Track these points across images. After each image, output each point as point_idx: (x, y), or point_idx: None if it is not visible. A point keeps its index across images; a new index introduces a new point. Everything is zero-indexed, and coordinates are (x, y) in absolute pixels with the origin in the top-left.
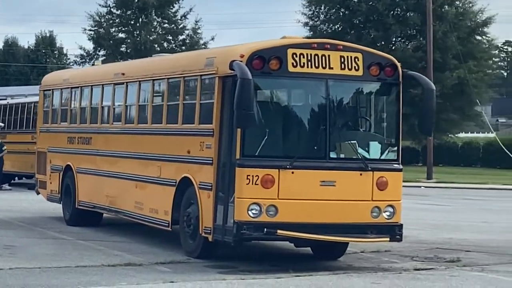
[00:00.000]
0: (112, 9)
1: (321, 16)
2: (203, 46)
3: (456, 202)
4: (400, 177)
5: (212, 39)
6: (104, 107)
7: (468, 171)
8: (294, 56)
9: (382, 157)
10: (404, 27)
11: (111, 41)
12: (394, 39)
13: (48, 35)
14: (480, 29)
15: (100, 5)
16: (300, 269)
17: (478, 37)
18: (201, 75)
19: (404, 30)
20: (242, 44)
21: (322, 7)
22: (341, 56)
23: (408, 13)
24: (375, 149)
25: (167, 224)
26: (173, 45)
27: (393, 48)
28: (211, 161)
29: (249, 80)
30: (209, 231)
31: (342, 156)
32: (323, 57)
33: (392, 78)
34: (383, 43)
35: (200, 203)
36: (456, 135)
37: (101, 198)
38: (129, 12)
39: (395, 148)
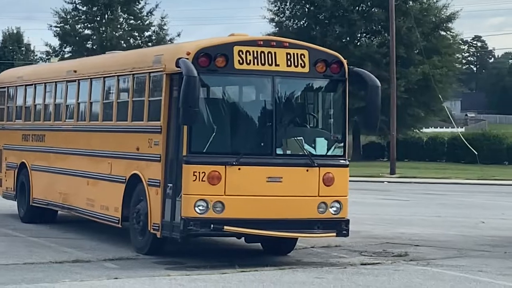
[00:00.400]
0: (78, 6)
1: (287, 12)
2: (169, 42)
3: (416, 196)
4: (346, 173)
5: (178, 35)
6: (57, 104)
7: (433, 166)
8: (240, 53)
9: (329, 153)
10: (369, 23)
11: (77, 38)
12: (359, 35)
13: (15, 31)
14: (444, 24)
15: (65, 1)
16: (248, 264)
17: (443, 33)
18: (149, 72)
19: (369, 26)
20: (190, 41)
21: (288, 3)
22: (287, 53)
23: (373, 9)
24: (321, 145)
25: (117, 221)
26: (139, 41)
27: (358, 44)
28: (159, 158)
29: (195, 77)
30: (157, 228)
31: (288, 152)
32: (269, 54)
33: (338, 74)
34: (348, 39)
35: (148, 199)
36: (421, 130)
37: (55, 195)
38: (95, 9)
39: (342, 144)
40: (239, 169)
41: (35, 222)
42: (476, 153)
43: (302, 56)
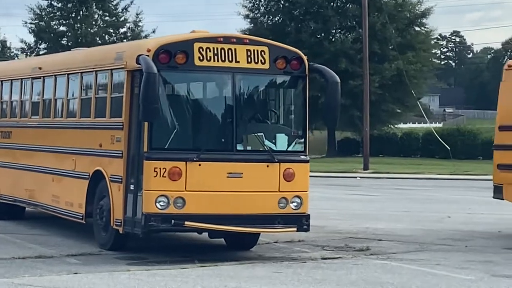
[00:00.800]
0: (52, 2)
1: (261, 8)
2: (144, 39)
3: (387, 192)
4: (307, 169)
5: (154, 31)
6: (22, 101)
7: (407, 162)
8: (201, 50)
9: (289, 149)
10: (343, 18)
11: (52, 34)
12: (333, 31)
13: None
14: (419, 20)
15: None
16: (209, 259)
17: (417, 28)
18: (111, 69)
19: (343, 22)
20: (151, 38)
21: (263, 0)
22: (247, 50)
23: (347, 5)
24: (282, 141)
25: (81, 217)
26: (114, 38)
27: (333, 39)
28: (121, 154)
29: (154, 74)
30: (119, 223)
31: (249, 148)
32: (230, 51)
33: (299, 71)
34: (322, 35)
35: (111, 195)
36: (397, 126)
37: (21, 192)
38: (70, 5)
39: (302, 140)
40: (199, 165)
41: (3, 218)
42: (449, 148)
43: (262, 53)
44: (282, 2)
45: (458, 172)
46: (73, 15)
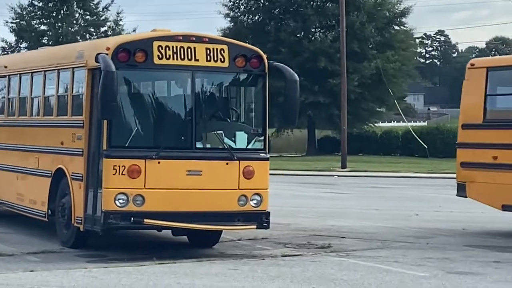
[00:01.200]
0: (34, 1)
1: (242, 7)
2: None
3: (361, 190)
4: (266, 166)
5: (134, 30)
6: None
7: (386, 160)
8: (160, 48)
9: (249, 147)
10: (323, 17)
11: (33, 34)
12: (313, 30)
13: None
14: (398, 19)
15: None
16: (168, 257)
17: (396, 27)
18: (73, 68)
19: (323, 20)
20: (112, 37)
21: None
22: (206, 48)
23: (327, 4)
24: (241, 139)
25: (44, 215)
26: (95, 37)
27: (312, 38)
28: (81, 152)
29: (112, 72)
30: (80, 221)
31: (208, 146)
32: (189, 49)
33: (258, 69)
34: (302, 33)
35: (72, 193)
36: (377, 124)
37: None
38: (50, 4)
39: (262, 138)
40: (158, 162)
41: None
42: (426, 146)
43: (222, 51)
44: (262, 1)
45: (436, 170)
46: (54, 14)
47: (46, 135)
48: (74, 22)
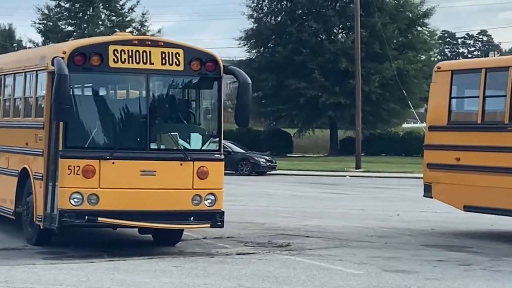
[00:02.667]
0: (60, 2)
1: (265, 8)
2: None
3: (362, 190)
4: (221, 167)
5: (159, 31)
6: None
7: (407, 161)
8: (115, 52)
9: (204, 148)
10: (344, 18)
11: (59, 34)
12: (335, 31)
13: (7, 27)
14: (421, 20)
15: None
16: (125, 254)
17: (419, 28)
18: (36, 70)
19: (344, 22)
20: (70, 41)
21: (266, 1)
22: (162, 52)
23: (350, 5)
24: (196, 140)
25: (11, 213)
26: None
27: (334, 40)
28: (42, 153)
29: (65, 75)
30: (40, 219)
31: (162, 147)
32: (144, 53)
33: (213, 72)
34: (324, 35)
35: (34, 192)
36: (402, 125)
37: None
38: (77, 5)
39: (217, 139)
40: (113, 163)
41: None
42: None
43: (177, 55)
44: (284, 2)
45: None
46: (80, 15)
47: (15, 136)
48: (100, 23)
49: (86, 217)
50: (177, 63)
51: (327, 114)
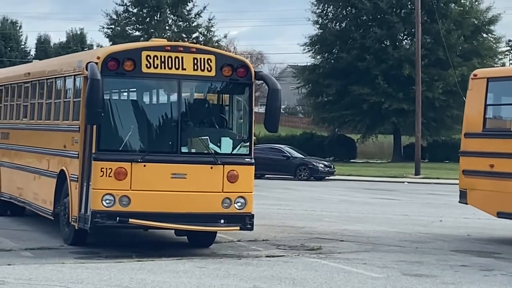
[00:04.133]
0: (129, 8)
1: (330, 14)
2: (216, 44)
3: (415, 197)
4: (251, 171)
5: (225, 36)
6: (17, 104)
7: None
8: (148, 58)
9: (234, 152)
10: (408, 25)
11: (126, 40)
12: (400, 37)
13: (78, 32)
14: (486, 27)
15: (117, 3)
16: (156, 255)
17: (484, 35)
18: (74, 75)
19: (408, 28)
20: (105, 47)
21: (331, 6)
22: (194, 58)
23: (413, 11)
24: (226, 145)
25: (50, 213)
26: (187, 43)
27: (398, 46)
28: (77, 155)
29: (98, 80)
30: (75, 220)
31: (193, 150)
32: (177, 59)
33: (244, 78)
34: (388, 41)
35: (70, 193)
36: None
37: (14, 190)
38: (145, 11)
39: (247, 144)
40: (144, 165)
41: (4, 214)
42: None
43: (209, 61)
44: (349, 8)
45: None
46: (147, 20)
47: (54, 139)
48: (167, 28)
49: (118, 218)
50: (209, 69)
51: (390, 120)
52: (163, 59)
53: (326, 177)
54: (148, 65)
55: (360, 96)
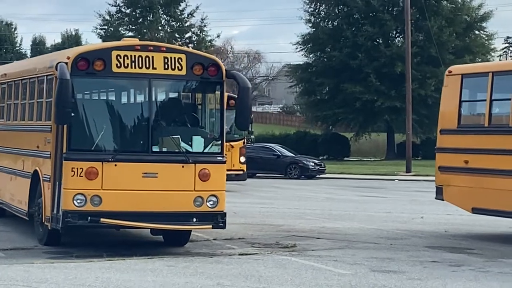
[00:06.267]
0: (122, 8)
1: (322, 13)
2: (209, 44)
3: (402, 193)
4: (223, 169)
5: (218, 36)
6: None
7: None
8: (118, 57)
9: (206, 151)
10: (400, 23)
11: (119, 40)
12: (392, 35)
13: (73, 33)
14: (478, 24)
15: (110, 4)
16: (128, 254)
17: (476, 32)
18: (46, 76)
19: (400, 26)
20: (75, 48)
21: (323, 4)
22: (164, 57)
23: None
24: (198, 143)
25: (25, 214)
26: (180, 42)
27: (391, 44)
28: (49, 155)
29: (67, 80)
30: (48, 220)
31: (164, 149)
32: (147, 58)
33: (215, 77)
34: (380, 39)
35: (43, 194)
36: None
37: None
38: (138, 11)
39: (219, 142)
40: (115, 165)
41: None
42: None
43: (180, 60)
44: (341, 6)
45: None
46: (140, 20)
47: (28, 139)
48: (160, 28)
49: (89, 217)
50: (180, 67)
51: (383, 118)
52: (133, 59)
53: (317, 176)
54: (119, 65)
55: (352, 94)
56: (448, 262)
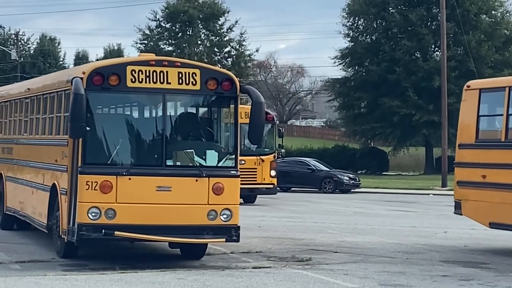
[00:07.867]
0: (161, 23)
1: (360, 27)
2: (247, 58)
3: (433, 208)
4: (236, 183)
5: (257, 50)
6: (18, 120)
7: None
8: (133, 72)
9: (219, 165)
10: (438, 37)
11: (159, 54)
12: (431, 49)
13: (116, 48)
14: None
15: (150, 19)
16: (143, 267)
17: None
18: (64, 91)
19: (438, 40)
20: (91, 62)
21: (361, 20)
22: (179, 72)
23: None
24: (211, 157)
25: (44, 226)
26: (219, 57)
27: (428, 58)
28: (66, 169)
29: (81, 95)
30: (65, 233)
31: (178, 163)
32: (161, 73)
33: (229, 91)
34: (418, 53)
35: (61, 207)
36: None
37: (17, 204)
38: (178, 26)
39: (233, 156)
40: (129, 179)
41: (10, 228)
42: None
43: (194, 75)
44: (379, 20)
45: None
46: (179, 35)
47: (48, 153)
48: (199, 42)
49: (103, 231)
50: (194, 82)
51: (421, 132)
52: (148, 74)
53: (352, 190)
54: (133, 80)
55: (390, 108)
56: (459, 277)
